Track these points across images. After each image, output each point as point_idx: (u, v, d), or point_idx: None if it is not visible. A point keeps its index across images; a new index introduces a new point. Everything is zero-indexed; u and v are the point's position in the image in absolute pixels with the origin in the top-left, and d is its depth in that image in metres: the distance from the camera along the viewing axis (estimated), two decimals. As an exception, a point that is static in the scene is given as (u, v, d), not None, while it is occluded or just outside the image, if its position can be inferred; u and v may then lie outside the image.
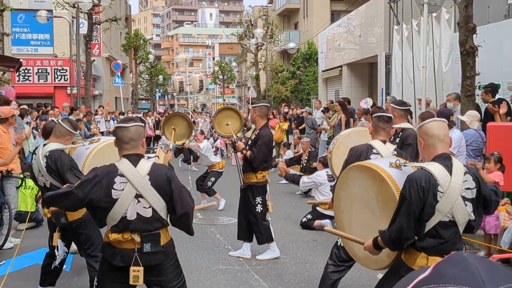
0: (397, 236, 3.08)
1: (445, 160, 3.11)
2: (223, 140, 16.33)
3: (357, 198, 3.63)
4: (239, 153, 6.72)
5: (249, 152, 6.38)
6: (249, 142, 6.54)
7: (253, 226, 6.54)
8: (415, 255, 3.11)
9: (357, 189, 3.63)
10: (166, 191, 3.29)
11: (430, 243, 3.07)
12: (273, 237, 6.59)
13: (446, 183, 3.01)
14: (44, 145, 4.69)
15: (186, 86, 27.39)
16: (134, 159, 3.31)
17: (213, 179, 9.83)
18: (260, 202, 6.48)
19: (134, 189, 3.24)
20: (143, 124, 3.45)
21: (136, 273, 3.26)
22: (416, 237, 3.10)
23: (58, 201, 3.46)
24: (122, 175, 3.25)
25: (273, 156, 6.66)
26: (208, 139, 10.58)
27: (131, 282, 3.27)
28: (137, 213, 3.25)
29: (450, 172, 3.05)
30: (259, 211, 6.46)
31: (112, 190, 3.23)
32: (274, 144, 6.69)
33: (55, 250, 4.76)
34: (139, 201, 3.25)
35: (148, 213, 3.26)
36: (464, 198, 3.06)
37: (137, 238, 3.26)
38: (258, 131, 6.45)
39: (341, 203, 3.84)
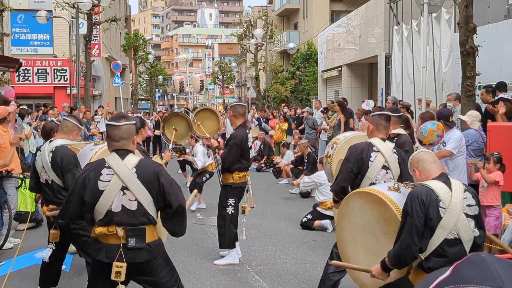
0: (400, 251, 3.08)
1: (444, 179, 3.18)
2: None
3: (359, 226, 3.60)
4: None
5: (221, 152, 6.33)
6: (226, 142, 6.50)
7: (219, 228, 6.39)
8: (422, 276, 3.10)
9: (358, 216, 3.61)
10: (154, 186, 3.29)
11: (436, 263, 3.06)
12: (236, 244, 6.44)
13: (448, 198, 3.04)
14: (51, 141, 4.70)
15: (187, 86, 27.39)
16: (123, 153, 3.35)
17: (207, 175, 10.08)
18: (232, 204, 6.31)
19: (120, 181, 3.25)
20: (134, 122, 3.46)
21: (119, 269, 3.22)
22: (422, 257, 3.10)
23: (64, 214, 3.42)
24: (109, 167, 3.29)
25: (251, 157, 6.48)
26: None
27: (112, 277, 3.23)
28: (122, 205, 3.26)
29: (450, 189, 3.09)
30: (230, 213, 6.30)
31: (98, 181, 3.26)
32: (251, 145, 6.47)
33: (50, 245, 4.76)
34: (124, 193, 3.26)
35: (133, 206, 3.27)
36: (467, 215, 3.07)
37: (121, 232, 3.25)
38: (233, 131, 6.38)
39: (344, 233, 3.81)
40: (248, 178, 6.50)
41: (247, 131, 6.40)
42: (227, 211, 6.29)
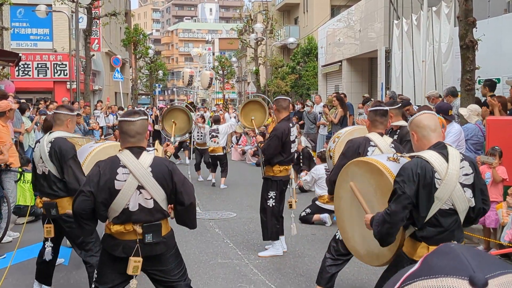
0: (384, 219, 3.01)
1: (441, 148, 3.10)
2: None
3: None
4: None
5: (262, 145, 6.44)
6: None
7: (261, 220, 6.54)
8: (416, 245, 3.09)
9: (356, 185, 3.62)
10: (168, 183, 3.33)
11: (430, 232, 3.05)
12: (279, 236, 6.54)
13: (444, 170, 3.00)
14: (50, 133, 4.71)
15: (195, 80, 27.35)
16: (137, 151, 3.34)
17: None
18: (273, 197, 6.41)
19: (136, 181, 3.27)
20: (147, 117, 3.51)
21: (137, 263, 3.30)
22: (416, 228, 3.08)
23: (76, 207, 3.35)
24: (124, 166, 3.28)
25: (292, 151, 6.54)
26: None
27: (130, 272, 3.29)
28: (139, 204, 3.29)
29: (447, 160, 3.04)
30: (271, 205, 6.41)
31: (115, 181, 3.26)
32: (294, 139, 6.54)
33: (47, 243, 4.76)
34: (140, 193, 3.29)
35: (149, 204, 3.31)
36: (463, 185, 3.05)
37: (139, 229, 3.30)
38: (277, 124, 6.48)
39: (341, 202, 3.83)
40: (291, 172, 6.60)
41: (291, 124, 6.45)
42: (268, 204, 6.42)
